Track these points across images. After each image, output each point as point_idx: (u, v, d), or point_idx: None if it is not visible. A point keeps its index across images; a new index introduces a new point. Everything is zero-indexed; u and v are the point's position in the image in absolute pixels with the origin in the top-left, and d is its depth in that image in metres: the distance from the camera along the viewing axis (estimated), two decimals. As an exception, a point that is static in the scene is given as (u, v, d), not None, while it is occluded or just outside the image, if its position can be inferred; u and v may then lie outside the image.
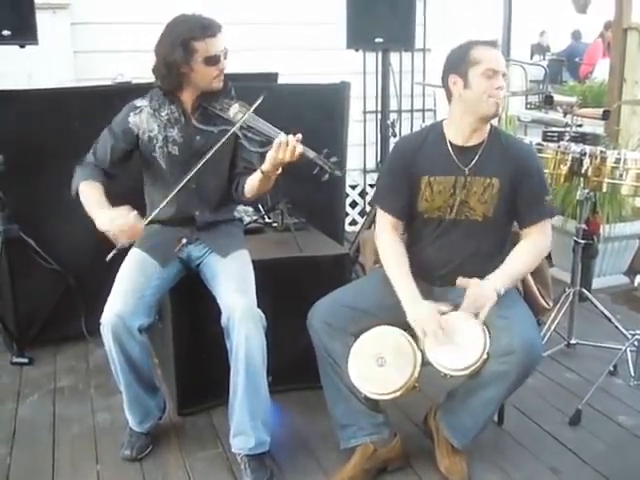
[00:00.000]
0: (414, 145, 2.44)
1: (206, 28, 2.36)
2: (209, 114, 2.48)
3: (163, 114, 2.48)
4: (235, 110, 2.45)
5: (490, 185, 2.34)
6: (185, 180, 2.36)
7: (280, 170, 2.35)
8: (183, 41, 2.34)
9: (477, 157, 2.34)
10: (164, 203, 2.35)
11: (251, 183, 2.45)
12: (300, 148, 2.27)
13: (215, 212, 2.61)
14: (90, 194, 2.39)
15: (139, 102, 2.51)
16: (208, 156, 2.35)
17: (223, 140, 2.37)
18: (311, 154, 2.34)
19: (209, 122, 2.47)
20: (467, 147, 2.36)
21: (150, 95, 2.51)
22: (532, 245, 2.37)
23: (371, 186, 5.34)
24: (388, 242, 2.44)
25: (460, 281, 2.30)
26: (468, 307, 2.24)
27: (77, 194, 2.42)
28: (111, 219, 2.24)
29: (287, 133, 2.32)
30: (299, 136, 2.28)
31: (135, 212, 2.26)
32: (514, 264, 2.34)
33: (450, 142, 2.37)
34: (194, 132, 2.48)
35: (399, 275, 2.36)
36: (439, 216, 2.39)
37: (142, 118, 2.49)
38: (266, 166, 2.32)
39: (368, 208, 5.02)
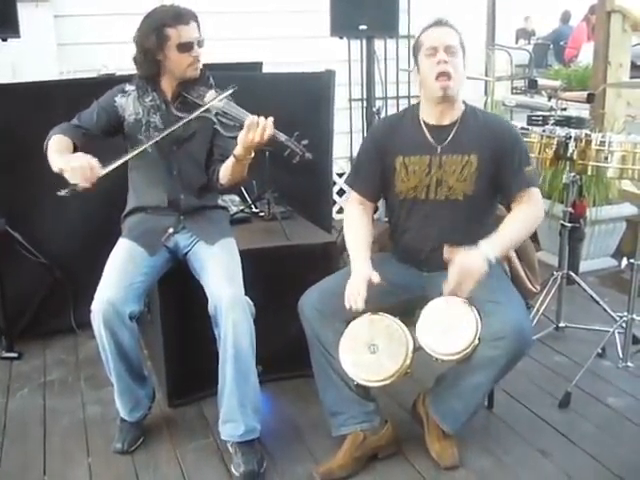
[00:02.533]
0: (389, 127, 2.48)
1: (178, 16, 2.42)
2: (188, 102, 2.51)
3: (147, 100, 2.54)
4: (210, 97, 2.46)
5: (468, 162, 2.34)
6: (149, 143, 2.42)
7: (252, 154, 2.36)
8: (156, 28, 2.41)
9: (451, 135, 2.35)
10: (122, 160, 2.35)
11: (225, 169, 2.47)
12: (270, 130, 2.28)
13: (199, 197, 2.63)
14: (57, 146, 2.38)
15: (127, 86, 2.57)
16: (173, 128, 2.42)
17: (193, 116, 2.41)
18: (282, 137, 2.34)
19: (187, 110, 2.49)
20: (441, 126, 2.37)
21: (136, 82, 2.56)
22: (522, 212, 2.34)
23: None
24: (353, 215, 2.48)
25: (447, 252, 2.28)
26: (452, 278, 2.19)
27: (46, 149, 2.39)
28: (67, 160, 2.24)
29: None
30: (270, 118, 2.29)
31: (95, 160, 2.25)
32: (505, 231, 2.29)
33: (424, 122, 2.39)
34: (174, 119, 2.50)
35: (354, 245, 2.39)
36: (415, 196, 2.40)
37: (129, 102, 2.54)
38: (238, 149, 2.34)
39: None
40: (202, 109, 2.43)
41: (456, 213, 2.39)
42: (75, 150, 2.40)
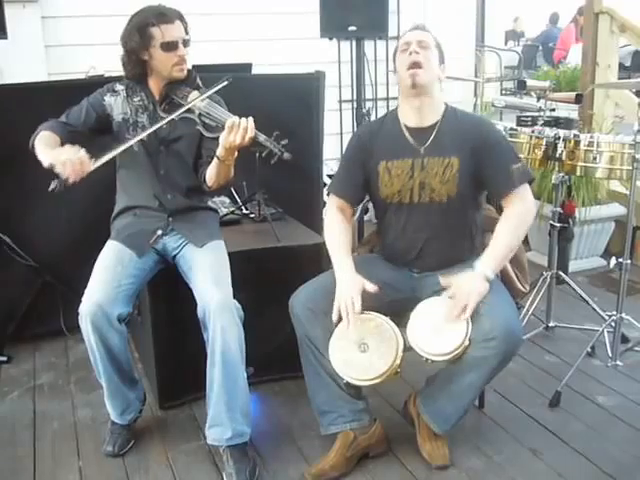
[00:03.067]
0: (370, 132, 2.49)
1: (162, 15, 2.42)
2: (174, 104, 2.50)
3: (135, 100, 2.54)
4: (193, 97, 2.46)
5: (449, 165, 2.34)
6: (137, 138, 2.42)
7: (236, 154, 2.35)
8: (140, 28, 2.41)
9: (432, 137, 2.36)
10: (108, 157, 2.32)
11: (210, 171, 2.45)
12: (252, 131, 2.27)
13: (187, 198, 2.62)
14: (44, 140, 2.36)
15: (117, 86, 2.57)
16: (157, 126, 2.42)
17: (174, 116, 2.41)
18: (261, 137, 2.32)
19: (173, 111, 2.47)
20: (422, 128, 2.38)
21: (125, 82, 2.56)
22: (513, 217, 2.33)
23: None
24: (333, 220, 2.48)
25: (443, 282, 2.29)
26: (454, 304, 2.21)
27: (33, 147, 2.36)
28: (57, 154, 2.22)
29: (261, 123, 2.31)
30: (251, 119, 2.28)
31: (84, 153, 2.23)
32: (499, 244, 2.30)
33: (405, 125, 2.40)
34: (160, 120, 2.49)
35: (337, 250, 2.40)
36: (400, 200, 2.41)
37: (117, 101, 2.54)
38: (220, 151, 2.33)
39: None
40: (183, 109, 2.42)
41: (441, 215, 2.39)
42: (62, 145, 2.36)
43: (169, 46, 2.42)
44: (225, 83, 2.44)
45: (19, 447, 2.61)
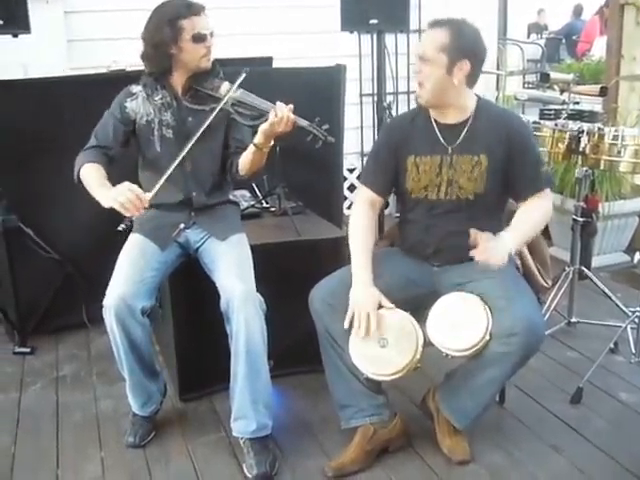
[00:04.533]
0: (402, 125, 2.46)
1: (191, 6, 2.42)
2: (200, 95, 2.50)
3: (156, 99, 2.51)
4: (226, 88, 2.46)
5: (478, 163, 2.32)
6: (181, 156, 2.38)
7: (272, 142, 2.37)
8: (170, 20, 2.39)
9: (462, 135, 2.33)
10: (164, 178, 2.34)
11: (245, 159, 2.46)
12: (293, 117, 2.30)
13: (209, 195, 2.62)
14: (91, 176, 2.40)
15: (134, 88, 2.54)
16: (201, 130, 2.38)
17: (214, 114, 2.40)
18: (303, 122, 2.35)
19: (201, 103, 2.48)
20: (453, 125, 2.35)
21: (143, 81, 2.54)
22: (534, 206, 2.33)
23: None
24: (360, 215, 2.45)
25: (473, 235, 2.24)
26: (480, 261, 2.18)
27: (79, 179, 2.42)
28: (114, 197, 2.24)
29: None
30: (291, 106, 2.31)
31: (136, 186, 2.28)
32: (523, 224, 2.30)
33: (435, 121, 2.37)
34: (186, 114, 2.51)
35: (360, 252, 2.36)
36: (426, 195, 2.39)
37: (138, 103, 2.52)
38: (259, 138, 2.34)
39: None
40: (222, 102, 2.41)
41: (466, 211, 2.38)
42: (106, 170, 2.43)
43: (199, 37, 2.42)
44: (244, 75, 2.43)
45: (42, 437, 2.64)
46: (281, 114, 2.28)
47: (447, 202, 2.37)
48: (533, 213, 2.33)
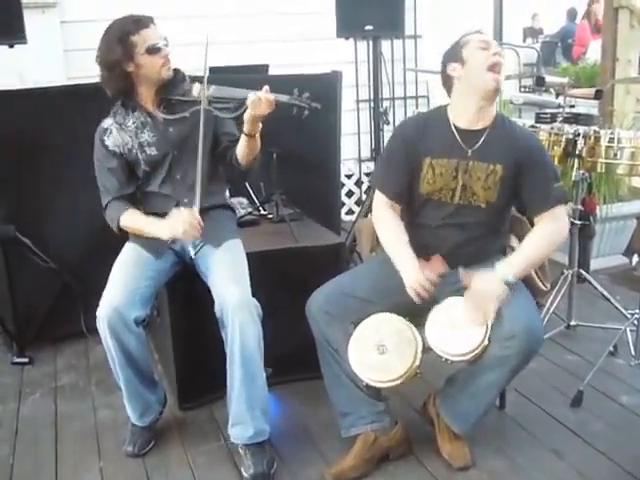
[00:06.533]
0: (416, 127, 2.42)
1: (138, 21, 2.43)
2: (174, 104, 2.50)
3: (129, 124, 2.50)
4: (198, 89, 2.44)
5: (493, 172, 2.31)
6: (199, 163, 2.35)
7: (261, 125, 2.37)
8: (120, 39, 2.39)
9: (481, 141, 2.32)
10: (198, 192, 2.35)
11: (241, 150, 2.46)
12: (272, 97, 2.30)
13: (205, 198, 2.58)
14: (135, 221, 2.47)
15: (105, 123, 2.54)
16: (201, 130, 2.35)
17: (202, 115, 2.37)
18: (284, 98, 2.35)
19: (177, 111, 2.47)
20: (472, 131, 2.34)
21: (112, 112, 2.54)
22: (544, 234, 2.31)
23: (367, 175, 5.33)
24: (385, 217, 2.43)
25: (463, 276, 2.27)
26: (468, 303, 2.21)
27: (121, 230, 2.48)
28: (172, 228, 2.32)
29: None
30: (266, 87, 2.32)
31: (182, 209, 2.33)
32: (525, 251, 2.29)
33: (454, 125, 2.35)
34: (165, 126, 2.50)
35: (399, 247, 2.35)
36: (440, 199, 2.37)
37: (114, 136, 2.50)
38: (246, 126, 2.35)
39: (364, 197, 5.02)
40: (203, 103, 2.38)
41: (477, 217, 2.37)
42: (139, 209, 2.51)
43: (153, 49, 2.41)
44: (208, 73, 2.42)
45: (41, 448, 2.63)
46: (259, 96, 2.28)
47: (459, 206, 2.36)
48: (539, 241, 2.31)
